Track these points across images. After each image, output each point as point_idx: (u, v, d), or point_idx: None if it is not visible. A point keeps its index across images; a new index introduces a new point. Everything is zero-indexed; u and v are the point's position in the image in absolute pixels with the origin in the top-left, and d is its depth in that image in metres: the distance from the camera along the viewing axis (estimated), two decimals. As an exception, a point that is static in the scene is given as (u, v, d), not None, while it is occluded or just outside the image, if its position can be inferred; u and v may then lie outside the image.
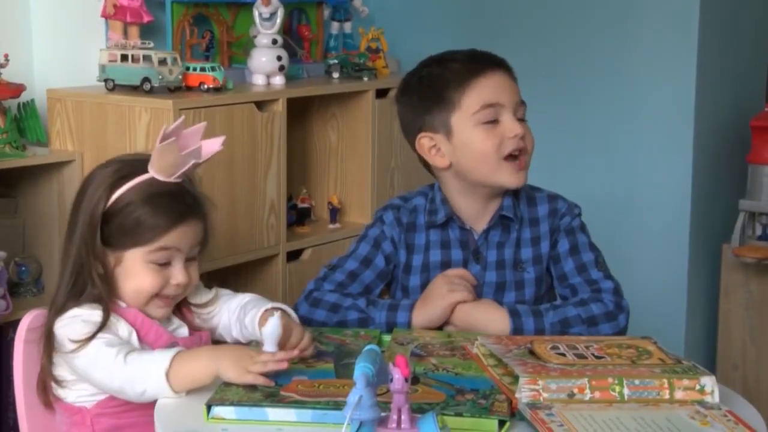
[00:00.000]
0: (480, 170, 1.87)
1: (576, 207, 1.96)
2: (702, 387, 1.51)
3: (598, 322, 1.83)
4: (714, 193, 3.11)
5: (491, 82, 1.87)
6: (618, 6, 3.05)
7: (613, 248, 2.08)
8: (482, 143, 1.85)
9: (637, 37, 3.03)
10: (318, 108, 2.92)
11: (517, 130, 1.85)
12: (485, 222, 1.92)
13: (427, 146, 1.90)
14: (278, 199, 2.59)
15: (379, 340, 1.78)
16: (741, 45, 3.20)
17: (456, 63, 1.90)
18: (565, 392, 1.48)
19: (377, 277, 1.95)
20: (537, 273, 1.92)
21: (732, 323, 3.07)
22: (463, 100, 1.86)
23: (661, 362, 1.59)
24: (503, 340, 1.70)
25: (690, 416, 1.45)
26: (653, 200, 3.04)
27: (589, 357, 1.60)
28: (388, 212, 1.98)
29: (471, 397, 1.51)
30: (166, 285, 1.70)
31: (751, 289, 3.04)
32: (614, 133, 3.08)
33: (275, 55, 2.65)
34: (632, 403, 1.48)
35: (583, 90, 3.11)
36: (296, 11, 3.00)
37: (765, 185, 2.94)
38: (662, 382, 1.51)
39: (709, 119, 3.05)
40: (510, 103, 1.87)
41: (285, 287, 2.62)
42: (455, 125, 1.87)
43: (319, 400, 1.48)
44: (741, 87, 3.22)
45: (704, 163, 3.05)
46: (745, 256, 2.95)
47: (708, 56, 3.01)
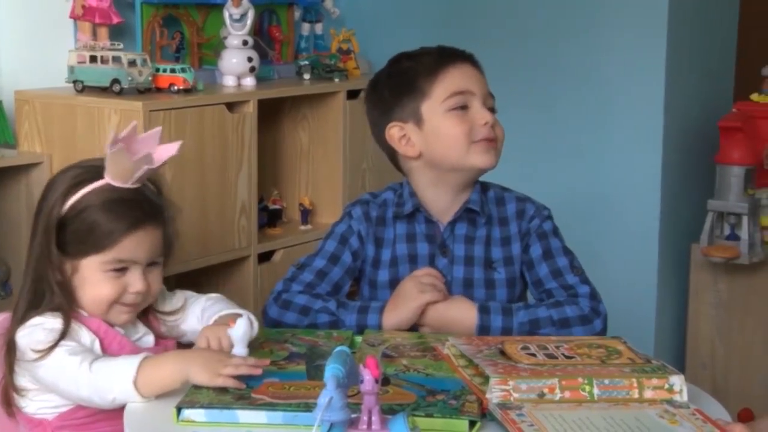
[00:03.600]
0: (451, 155, 1.88)
1: (545, 209, 1.96)
2: (671, 386, 1.52)
3: (571, 325, 1.83)
4: (683, 194, 3.12)
5: (460, 71, 1.90)
6: (588, 8, 3.06)
7: (583, 248, 2.08)
8: (453, 129, 1.87)
9: (607, 39, 3.04)
10: (289, 109, 2.91)
11: (487, 118, 1.87)
12: (452, 215, 1.93)
13: (397, 136, 1.91)
14: (249, 200, 2.58)
15: (351, 341, 1.78)
16: (709, 46, 3.22)
17: (426, 56, 1.93)
18: (535, 392, 1.49)
19: (345, 273, 1.95)
20: (509, 275, 1.92)
21: (701, 322, 3.09)
22: (433, 88, 1.88)
23: (630, 362, 1.60)
24: (474, 340, 1.70)
25: (659, 415, 1.45)
26: (623, 201, 3.06)
27: (559, 357, 1.61)
28: (356, 207, 1.98)
29: (442, 397, 1.51)
30: (125, 293, 1.67)
31: (719, 289, 3.06)
32: (584, 135, 3.09)
33: (246, 57, 2.64)
34: (602, 403, 1.49)
35: (553, 91, 3.12)
36: (267, 12, 2.99)
37: (733, 185, 2.96)
38: (631, 381, 1.52)
39: (677, 120, 3.07)
40: (479, 92, 1.89)
41: (256, 289, 2.61)
42: (425, 113, 1.88)
43: (290, 401, 1.47)
44: (709, 88, 3.24)
45: (673, 163, 3.07)
46: (714, 255, 2.97)
47: (677, 58, 3.02)
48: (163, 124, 2.34)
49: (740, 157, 2.95)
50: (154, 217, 1.69)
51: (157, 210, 1.70)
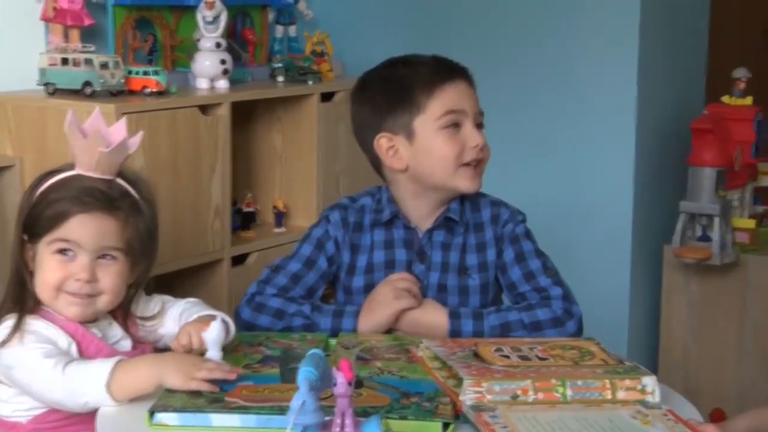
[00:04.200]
0: (437, 175, 1.88)
1: (519, 214, 1.97)
2: (643, 387, 1.52)
3: (542, 328, 1.83)
4: (655, 195, 3.14)
5: (457, 88, 1.89)
6: (561, 11, 3.07)
7: (557, 250, 2.08)
8: (443, 149, 1.86)
9: (580, 42, 3.06)
10: (263, 112, 2.90)
11: (478, 140, 1.87)
12: (431, 222, 1.93)
13: (386, 147, 1.90)
14: (223, 203, 2.57)
15: (325, 343, 1.78)
16: (681, 49, 3.24)
17: (423, 66, 1.91)
18: (508, 394, 1.49)
19: (320, 278, 1.94)
20: (482, 281, 1.92)
21: (673, 323, 3.11)
22: (429, 104, 1.87)
23: (603, 363, 1.60)
24: (448, 342, 1.70)
25: (632, 416, 1.46)
26: (596, 202, 3.07)
27: (532, 359, 1.61)
28: (334, 212, 1.97)
29: (415, 400, 1.51)
30: (69, 279, 1.65)
31: (691, 290, 3.08)
32: (557, 136, 3.10)
33: (219, 59, 2.63)
34: (575, 404, 1.49)
35: (526, 93, 3.13)
36: (240, 15, 2.98)
37: (705, 187, 2.97)
38: (604, 382, 1.52)
39: (650, 122, 3.08)
40: (472, 112, 1.89)
41: (230, 292, 2.60)
42: (418, 128, 1.87)
43: (264, 405, 1.47)
44: (681, 90, 3.26)
45: (646, 165, 3.08)
46: (686, 257, 2.99)
47: (649, 60, 3.04)
48: (135, 126, 2.33)
49: (711, 158, 2.97)
50: (108, 206, 1.66)
51: (114, 201, 1.67)
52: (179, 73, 2.72)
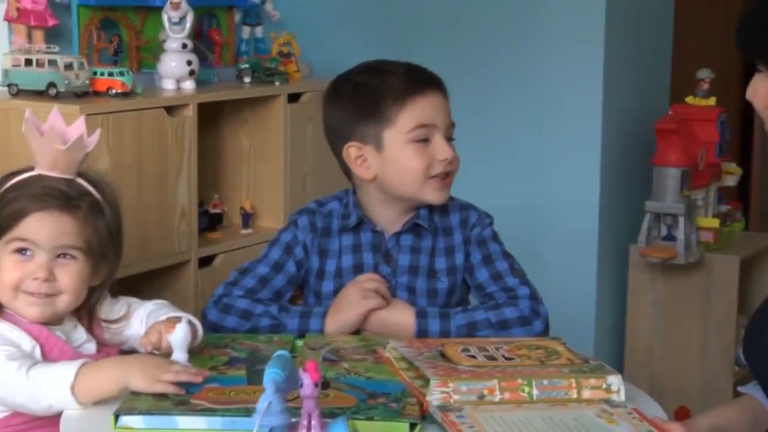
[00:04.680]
0: (405, 186, 1.88)
1: (487, 217, 1.97)
2: (608, 386, 1.53)
3: (510, 326, 1.84)
4: (621, 195, 3.16)
5: (428, 102, 1.88)
6: (526, 14, 3.08)
7: (523, 250, 2.09)
8: (412, 162, 1.86)
9: (545, 45, 3.07)
10: (230, 113, 2.89)
11: (447, 154, 1.87)
12: (398, 227, 1.93)
13: (354, 156, 1.90)
14: (189, 204, 2.56)
15: (292, 345, 1.77)
16: (645, 50, 3.26)
17: (395, 77, 1.89)
18: (475, 394, 1.49)
19: (288, 282, 1.94)
20: (450, 284, 1.93)
21: (639, 322, 3.13)
22: (399, 116, 1.86)
23: (569, 362, 1.61)
24: (415, 343, 1.71)
25: (597, 415, 1.47)
26: (562, 203, 3.08)
27: (499, 359, 1.62)
28: (302, 216, 1.97)
29: (382, 400, 1.51)
30: (26, 279, 1.64)
31: (656, 289, 3.10)
32: (523, 138, 3.11)
33: (185, 60, 2.61)
34: (541, 404, 1.50)
35: (492, 96, 3.14)
36: (206, 15, 2.96)
37: (669, 186, 2.99)
38: (570, 381, 1.53)
39: (615, 123, 3.10)
40: (442, 125, 1.89)
41: (197, 294, 2.59)
42: (387, 140, 1.87)
43: (230, 407, 1.46)
44: (646, 91, 3.28)
45: (611, 165, 3.10)
46: (651, 256, 3.00)
47: (614, 62, 3.06)
48: (101, 128, 2.30)
49: (676, 158, 2.99)
50: (65, 204, 1.65)
51: (69, 198, 1.66)
52: (145, 74, 2.70)
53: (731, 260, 3.03)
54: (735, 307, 3.01)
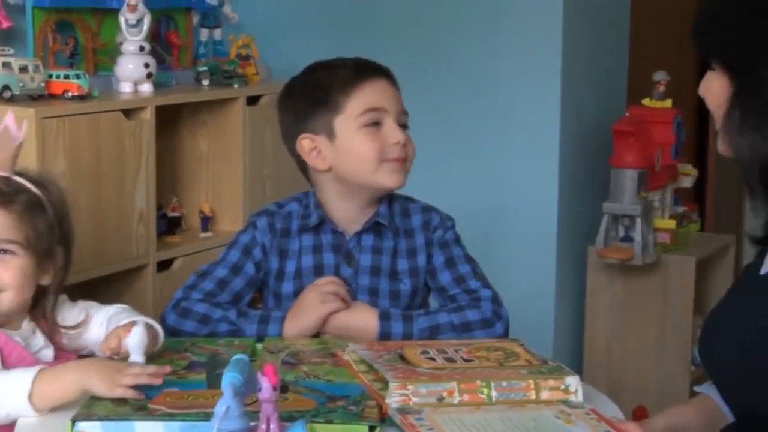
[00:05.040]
0: (360, 172, 1.88)
1: (449, 219, 1.98)
2: (567, 387, 1.54)
3: (473, 328, 1.84)
4: (579, 197, 3.18)
5: (375, 87, 1.89)
6: (485, 17, 3.09)
7: (482, 252, 2.10)
8: (364, 146, 1.86)
9: (504, 48, 3.08)
10: (188, 115, 2.87)
11: (399, 137, 1.87)
12: (359, 226, 1.93)
13: (308, 148, 1.90)
14: (147, 208, 2.54)
15: (252, 348, 1.77)
16: (602, 53, 3.28)
17: (342, 68, 1.91)
18: (434, 396, 1.50)
19: (247, 284, 1.93)
20: (413, 285, 1.93)
21: (597, 323, 3.15)
22: (348, 103, 1.87)
23: (527, 364, 1.62)
24: (374, 346, 1.70)
25: (555, 416, 1.47)
26: (521, 205, 3.09)
27: (458, 360, 1.62)
28: (261, 218, 1.96)
29: (342, 403, 1.51)
30: None
31: (614, 290, 3.12)
32: (482, 140, 3.12)
33: (143, 62, 2.60)
34: (500, 405, 1.50)
35: (451, 99, 3.15)
36: (164, 18, 2.95)
37: (627, 188, 3.01)
38: (528, 383, 1.53)
39: (573, 124, 3.12)
40: (393, 110, 1.89)
41: (155, 298, 2.57)
42: (338, 128, 1.87)
43: (189, 411, 1.45)
44: (603, 93, 3.30)
45: (570, 167, 3.12)
46: (609, 257, 3.02)
47: (571, 64, 3.08)
48: (57, 131, 2.29)
49: (633, 160, 3.01)
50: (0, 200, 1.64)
51: (3, 194, 1.65)
52: (102, 77, 2.68)
53: (687, 261, 3.05)
54: (691, 308, 3.04)
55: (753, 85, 1.40)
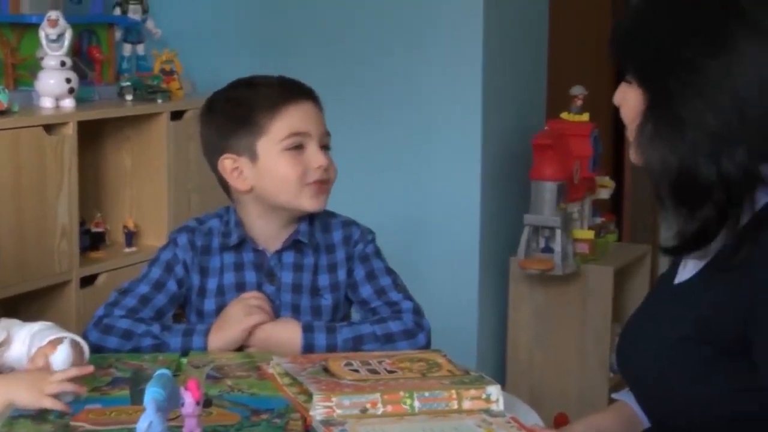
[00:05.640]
0: (281, 195, 1.87)
1: (369, 233, 1.97)
2: (488, 396, 1.54)
3: (395, 339, 1.84)
4: (501, 209, 3.20)
5: (300, 111, 1.87)
6: (407, 33, 3.11)
7: (406, 265, 2.10)
8: (286, 170, 1.85)
9: (426, 63, 3.10)
10: (111, 131, 2.84)
11: (321, 161, 1.86)
12: (279, 244, 1.92)
13: (230, 168, 1.88)
14: (70, 223, 2.51)
15: (177, 363, 1.74)
16: (522, 68, 3.32)
17: (266, 88, 1.89)
18: (358, 407, 1.49)
19: (169, 301, 1.91)
20: (334, 300, 1.93)
21: (519, 332, 3.17)
22: (272, 126, 1.85)
23: (450, 374, 1.62)
24: (298, 359, 1.70)
25: (477, 425, 1.48)
26: (444, 218, 3.11)
27: (381, 372, 1.62)
28: (182, 235, 1.94)
29: (266, 416, 1.50)
30: None
31: (536, 299, 3.15)
32: (405, 154, 3.13)
33: (64, 78, 2.56)
34: (423, 415, 1.50)
35: (375, 112, 3.15)
36: (86, 33, 2.91)
37: (546, 200, 3.04)
38: (451, 393, 1.53)
39: (494, 138, 3.14)
40: (316, 133, 1.88)
41: (79, 314, 2.53)
42: (261, 150, 1.86)
43: (111, 428, 1.43)
44: (523, 107, 3.33)
45: (491, 180, 3.14)
46: (530, 268, 3.05)
47: (492, 80, 3.10)
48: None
49: (552, 173, 3.04)
50: None
51: None
52: (22, 92, 2.64)
53: (605, 271, 3.09)
54: (610, 316, 3.07)
55: (665, 99, 1.42)
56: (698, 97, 1.38)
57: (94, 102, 2.78)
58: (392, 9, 3.11)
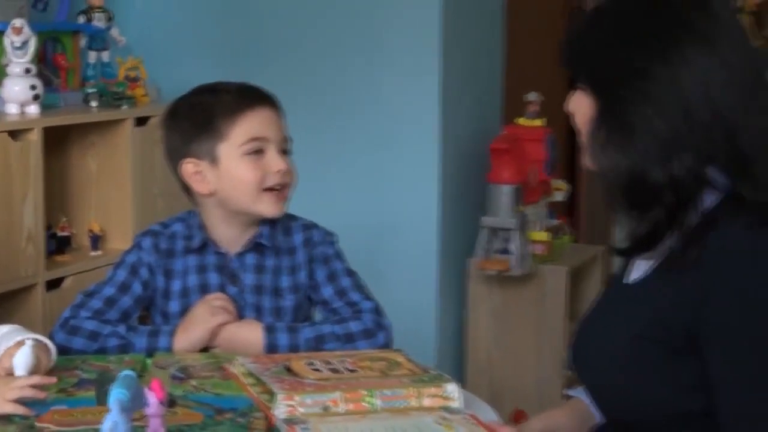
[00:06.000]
0: (241, 199, 1.86)
1: (330, 235, 1.97)
2: (447, 394, 1.55)
3: (355, 339, 1.84)
4: (459, 212, 3.21)
5: (259, 116, 1.87)
6: (367, 41, 3.11)
7: (367, 267, 2.10)
8: (246, 174, 1.85)
9: (385, 71, 3.10)
10: (77, 137, 2.82)
11: (281, 166, 1.86)
12: (241, 246, 1.91)
13: (191, 172, 1.88)
14: (36, 228, 2.48)
15: (143, 364, 1.73)
16: (479, 75, 3.33)
17: (227, 94, 1.89)
18: (320, 406, 1.49)
19: (135, 302, 1.90)
20: (296, 301, 1.93)
21: (478, 331, 3.18)
22: (232, 131, 1.85)
23: (410, 372, 1.62)
24: (262, 359, 1.69)
25: (436, 421, 1.48)
26: (404, 220, 3.11)
27: (343, 371, 1.62)
28: (146, 238, 1.93)
29: (229, 416, 1.49)
30: None
31: (494, 299, 3.16)
32: (366, 159, 3.13)
33: (29, 84, 2.54)
34: (384, 413, 1.50)
35: (336, 120, 3.15)
36: (51, 40, 2.88)
37: (503, 203, 3.05)
38: (411, 391, 1.54)
39: (452, 144, 3.15)
40: (276, 138, 1.88)
41: (45, 316, 2.51)
42: (221, 154, 1.86)
43: (76, 428, 1.42)
44: (480, 113, 3.35)
45: (450, 184, 3.15)
46: (488, 268, 3.06)
47: (450, 87, 3.11)
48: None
49: (509, 176, 3.05)
50: None
51: None
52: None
53: (561, 271, 3.11)
54: (565, 315, 3.09)
55: (616, 106, 1.43)
56: (647, 103, 1.40)
57: (60, 108, 2.75)
58: (352, 18, 3.11)
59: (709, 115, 1.39)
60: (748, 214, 1.38)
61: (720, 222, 1.39)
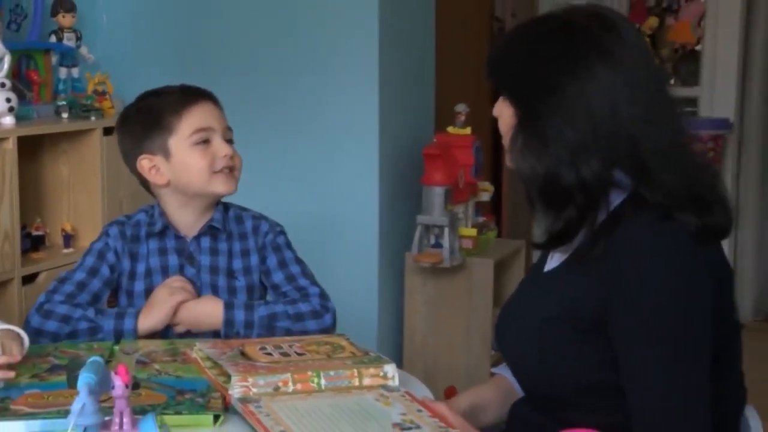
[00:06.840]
0: (196, 184, 1.88)
1: (277, 225, 1.99)
2: (385, 374, 1.55)
3: (304, 318, 1.85)
4: (397, 210, 3.21)
5: (202, 109, 1.89)
6: (312, 58, 3.10)
7: (313, 259, 2.10)
8: (197, 162, 1.86)
9: (331, 85, 3.09)
10: (49, 145, 2.77)
11: (227, 151, 1.88)
12: (197, 230, 1.93)
13: (147, 167, 1.88)
14: (12, 228, 2.44)
15: (110, 351, 1.71)
16: (414, 89, 3.33)
17: (170, 95, 1.90)
18: (271, 386, 1.48)
19: (104, 285, 1.90)
20: (248, 282, 1.93)
21: (414, 318, 3.19)
22: (179, 125, 1.86)
23: (352, 355, 1.62)
24: (218, 344, 1.68)
25: (375, 399, 1.48)
26: (347, 218, 3.11)
27: (292, 355, 1.61)
28: (113, 227, 1.95)
29: (189, 396, 1.48)
30: None
31: (428, 289, 3.17)
32: (312, 161, 3.13)
33: (4, 97, 2.50)
34: (328, 392, 1.50)
35: (287, 128, 3.14)
36: (24, 57, 2.83)
37: (435, 203, 3.06)
38: (353, 372, 1.54)
39: (390, 149, 3.16)
40: (219, 128, 1.89)
41: (21, 308, 2.46)
42: (173, 147, 1.86)
43: (48, 410, 1.40)
44: (415, 122, 3.35)
45: (388, 185, 3.15)
46: (422, 261, 3.07)
47: (387, 98, 3.11)
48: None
49: (440, 178, 3.06)
50: None
51: None
52: (-34, 111, 2.55)
53: (487, 263, 3.13)
54: (491, 302, 3.11)
55: (532, 117, 1.45)
56: (558, 115, 1.41)
57: (33, 119, 2.71)
58: (300, 38, 3.11)
59: (614, 126, 1.41)
60: (648, 211, 1.40)
61: (624, 219, 1.41)
